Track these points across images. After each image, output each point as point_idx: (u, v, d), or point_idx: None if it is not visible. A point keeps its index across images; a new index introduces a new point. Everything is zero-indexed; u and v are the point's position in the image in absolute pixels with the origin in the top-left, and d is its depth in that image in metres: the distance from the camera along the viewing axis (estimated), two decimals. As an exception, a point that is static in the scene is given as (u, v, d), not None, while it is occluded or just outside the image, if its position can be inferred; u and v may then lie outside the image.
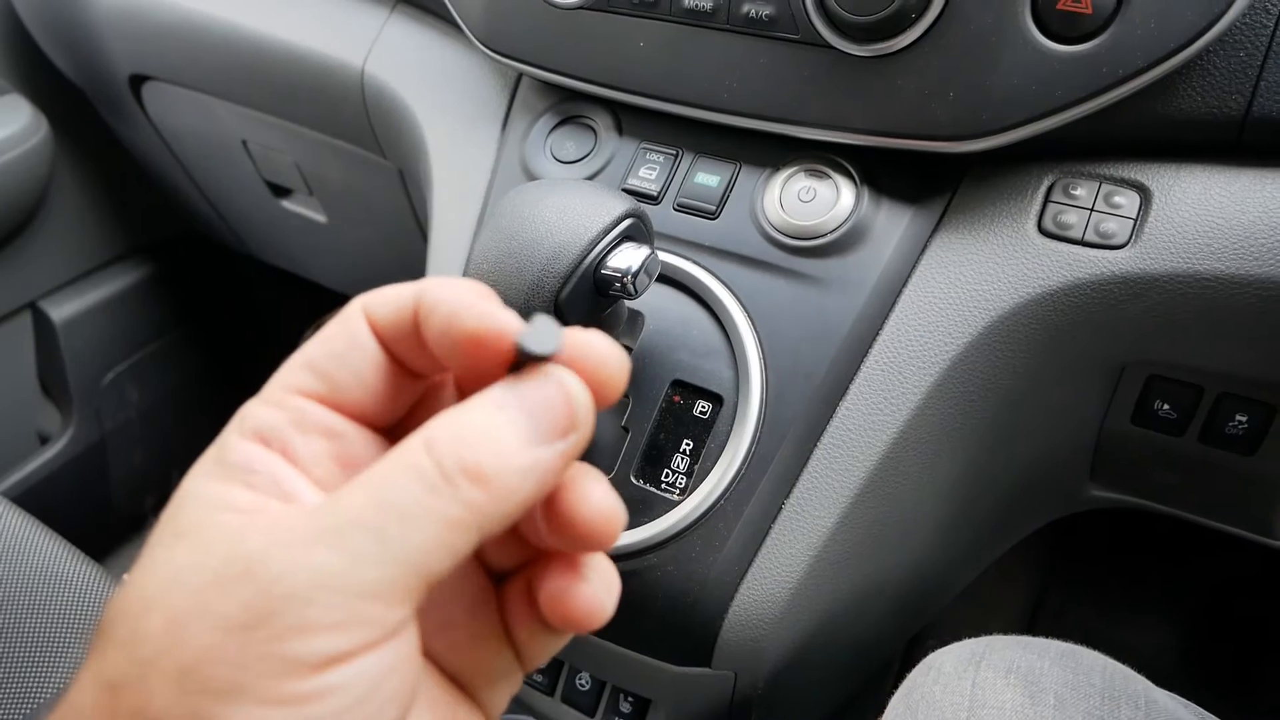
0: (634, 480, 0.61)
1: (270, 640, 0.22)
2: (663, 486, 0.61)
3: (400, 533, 0.23)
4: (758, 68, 0.61)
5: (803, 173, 0.64)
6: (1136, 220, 0.57)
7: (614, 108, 0.71)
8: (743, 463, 0.59)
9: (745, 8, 0.61)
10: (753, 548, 0.59)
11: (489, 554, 0.30)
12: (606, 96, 0.69)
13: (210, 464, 0.26)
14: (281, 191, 1.15)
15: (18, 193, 1.14)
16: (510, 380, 0.25)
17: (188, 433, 1.49)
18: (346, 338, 0.27)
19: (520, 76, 0.76)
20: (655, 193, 0.67)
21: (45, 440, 1.31)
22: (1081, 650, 0.55)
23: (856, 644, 0.74)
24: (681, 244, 0.65)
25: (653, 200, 0.67)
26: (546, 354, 0.25)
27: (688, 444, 0.61)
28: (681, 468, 0.61)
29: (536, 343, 0.25)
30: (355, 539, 0.23)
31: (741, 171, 0.66)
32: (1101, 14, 0.52)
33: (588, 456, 0.65)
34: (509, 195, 0.55)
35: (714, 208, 0.65)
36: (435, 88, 0.79)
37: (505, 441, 0.24)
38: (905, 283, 0.61)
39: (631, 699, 0.66)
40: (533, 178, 0.70)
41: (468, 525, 0.24)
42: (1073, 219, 0.58)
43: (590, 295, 0.53)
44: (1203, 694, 0.58)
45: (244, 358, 1.56)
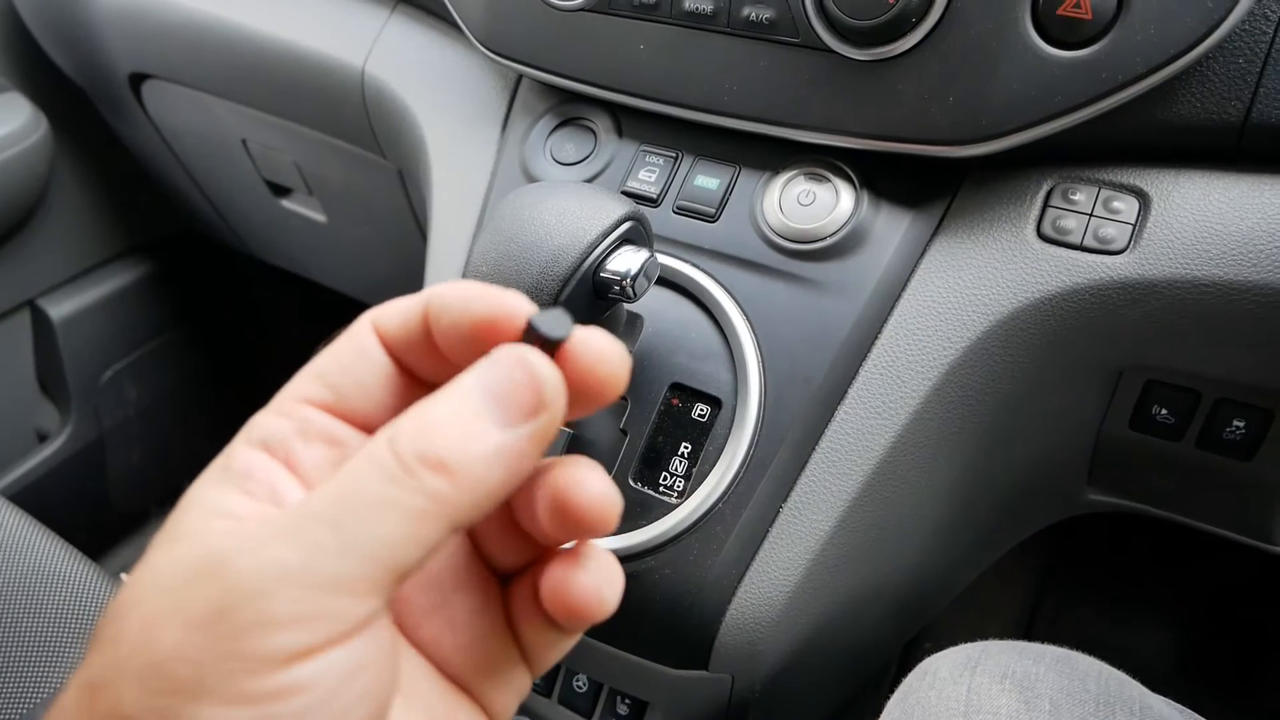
0: (632, 483, 0.61)
1: (232, 637, 0.22)
2: (661, 489, 0.61)
3: (358, 525, 0.23)
4: (758, 71, 0.61)
5: (802, 176, 0.64)
6: (1135, 226, 0.57)
7: (614, 110, 0.71)
8: (741, 466, 0.59)
9: (745, 11, 0.61)
10: (750, 551, 0.59)
11: (493, 554, 0.30)
12: (606, 98, 0.69)
13: (214, 472, 0.26)
14: (281, 191, 1.15)
15: (17, 191, 1.13)
16: (476, 366, 0.25)
17: (186, 431, 1.49)
18: (354, 349, 0.28)
19: (520, 78, 0.76)
20: (655, 195, 0.67)
21: (43, 438, 1.31)
22: (1077, 656, 0.55)
23: (854, 647, 0.74)
24: (681, 247, 0.65)
25: (652, 203, 0.67)
26: (556, 338, 0.25)
27: (686, 447, 0.61)
28: (680, 470, 0.61)
29: (549, 326, 0.25)
30: (313, 532, 0.23)
31: (741, 174, 0.66)
32: (1101, 20, 0.52)
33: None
34: (508, 197, 0.55)
35: (713, 211, 0.65)
36: (435, 88, 0.79)
37: (467, 428, 0.24)
38: (904, 287, 0.61)
39: (629, 701, 0.67)
40: (532, 179, 0.70)
41: (433, 515, 0.23)
42: (1072, 224, 0.58)
43: (589, 298, 0.53)
44: (1200, 698, 0.58)
45: (243, 357, 1.56)
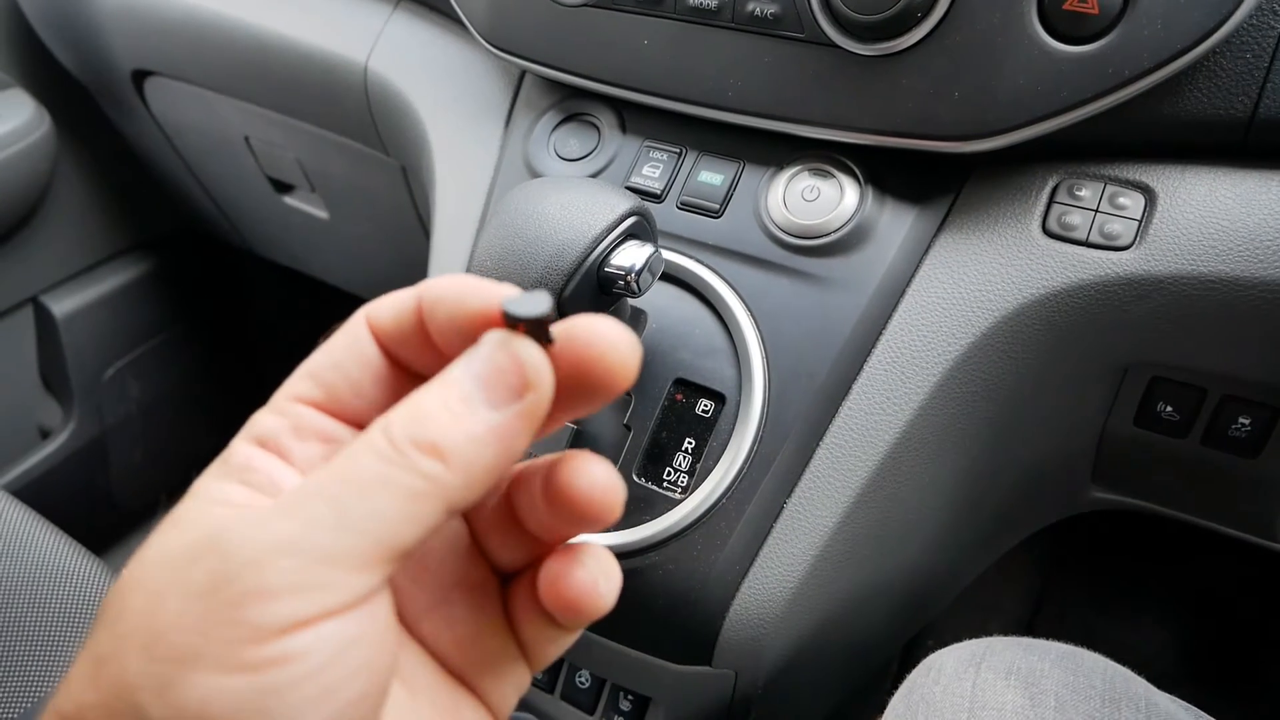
0: (636, 478, 0.61)
1: (230, 605, 0.23)
2: (664, 485, 0.61)
3: (356, 501, 0.24)
4: (762, 66, 0.61)
5: (806, 172, 0.63)
6: (1141, 221, 0.57)
7: (618, 105, 0.70)
8: (745, 462, 0.59)
9: (750, 6, 0.60)
10: (754, 547, 0.59)
11: (495, 553, 0.31)
12: (610, 94, 0.69)
13: (215, 466, 0.27)
14: (283, 187, 1.15)
15: (20, 187, 1.13)
16: (463, 355, 0.26)
17: (188, 427, 1.49)
18: (347, 346, 0.28)
19: (524, 73, 0.75)
20: (659, 191, 0.67)
21: (46, 434, 1.31)
22: (1082, 652, 0.55)
23: (857, 644, 0.74)
24: (685, 242, 0.65)
25: (656, 198, 0.67)
26: (528, 316, 0.25)
27: (690, 443, 0.61)
28: (684, 466, 0.61)
29: (520, 306, 0.25)
30: (311, 507, 0.24)
31: (745, 170, 0.65)
32: (1108, 14, 0.52)
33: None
34: (512, 193, 0.55)
35: (717, 206, 0.65)
36: (438, 84, 0.79)
37: (456, 411, 0.25)
38: (909, 283, 0.61)
39: (631, 697, 0.66)
40: (536, 175, 0.70)
41: (428, 495, 0.24)
42: (1077, 220, 0.58)
43: (593, 293, 0.53)
44: (1203, 695, 0.58)
45: (245, 353, 1.56)
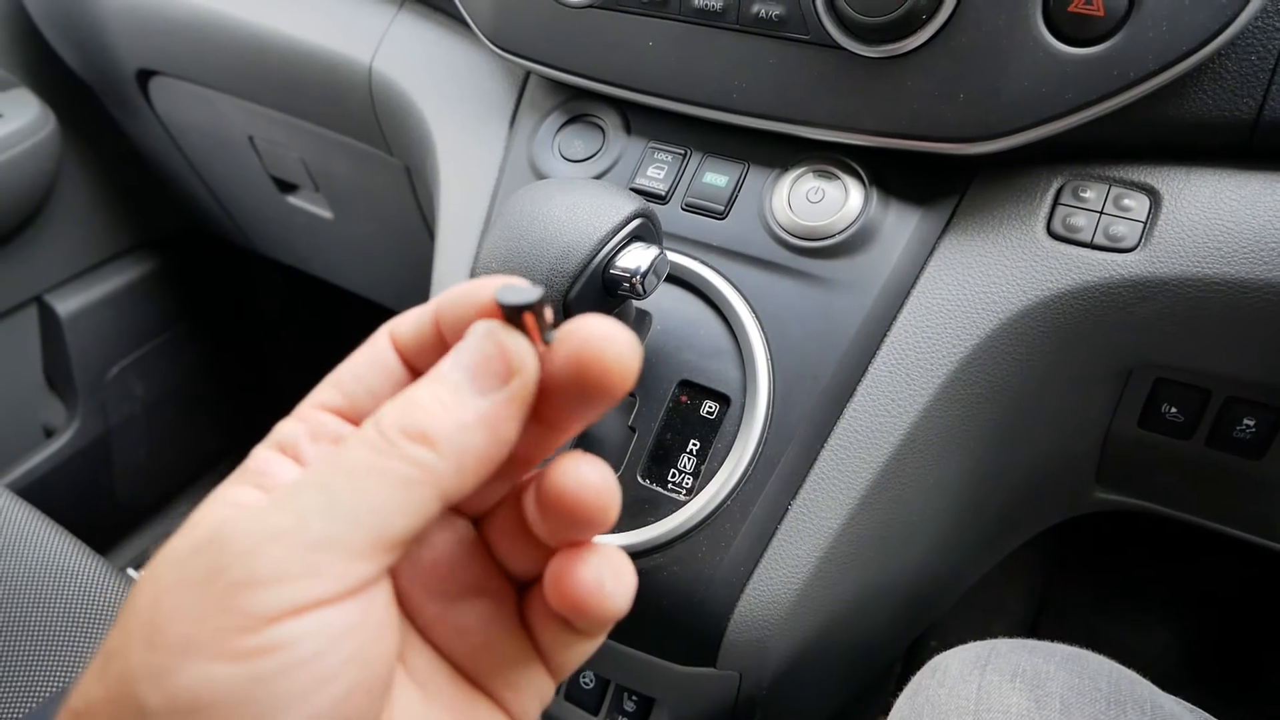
0: (640, 480, 0.61)
1: (224, 594, 0.23)
2: (669, 486, 0.61)
3: (348, 491, 0.24)
4: (767, 68, 0.61)
5: (811, 173, 0.63)
6: (1146, 223, 0.57)
7: (622, 107, 0.70)
8: (749, 463, 0.59)
9: (755, 8, 0.60)
10: (759, 548, 0.59)
11: (508, 560, 0.31)
12: (615, 95, 0.69)
13: (236, 472, 0.28)
14: (287, 187, 1.15)
15: (25, 187, 1.14)
16: (452, 349, 0.27)
17: (192, 426, 1.50)
18: (369, 358, 0.29)
19: (528, 74, 0.75)
20: (663, 192, 0.67)
21: (50, 433, 1.31)
22: (1088, 654, 0.55)
23: (861, 645, 0.74)
24: (689, 244, 0.65)
25: (661, 200, 0.67)
26: (516, 304, 0.26)
27: (694, 444, 0.61)
28: (688, 468, 0.61)
29: (510, 295, 0.26)
30: (304, 498, 0.24)
31: (750, 172, 0.65)
32: (1113, 16, 0.52)
33: (593, 454, 0.65)
34: (517, 194, 0.55)
35: (722, 208, 0.65)
36: (443, 85, 0.79)
37: (443, 400, 0.26)
38: (913, 284, 0.61)
39: (635, 698, 0.66)
40: (540, 176, 0.70)
41: (420, 483, 0.25)
42: (1082, 222, 0.58)
43: (599, 295, 0.53)
44: (1206, 697, 0.58)
45: (248, 353, 1.56)
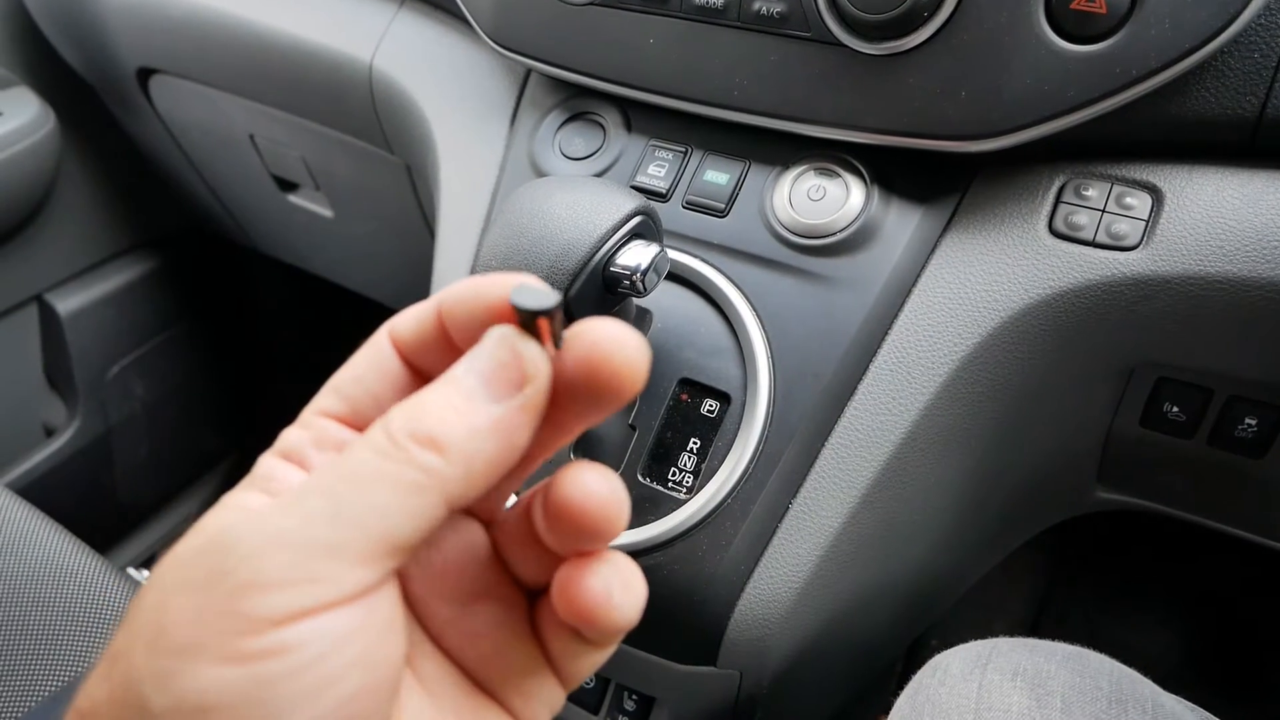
0: (641, 478, 0.61)
1: (228, 598, 0.23)
2: (670, 485, 0.60)
3: (353, 495, 0.24)
4: (768, 65, 0.61)
5: (812, 171, 0.63)
6: (1148, 222, 0.57)
7: (623, 104, 0.70)
8: (750, 462, 0.59)
9: (756, 5, 0.60)
10: (759, 547, 0.59)
11: (518, 568, 0.30)
12: (616, 93, 0.68)
13: (244, 479, 0.28)
14: (288, 186, 1.15)
15: (25, 185, 1.14)
16: (466, 354, 0.26)
17: (192, 426, 1.49)
18: (369, 360, 0.29)
19: (529, 72, 0.75)
20: (664, 190, 0.67)
21: (50, 433, 1.31)
22: (1088, 653, 0.55)
23: (861, 644, 0.74)
24: (690, 242, 0.65)
25: (661, 198, 0.67)
26: (532, 308, 0.25)
27: (695, 443, 0.61)
28: (689, 466, 0.61)
29: (524, 297, 0.26)
30: (309, 503, 0.24)
31: (751, 169, 0.65)
32: (1116, 14, 0.52)
33: (593, 454, 0.65)
34: (517, 192, 0.55)
35: (723, 206, 0.65)
36: (443, 83, 0.79)
37: (455, 406, 0.25)
38: (915, 282, 0.60)
39: (636, 697, 0.66)
40: (541, 174, 0.70)
41: (426, 488, 0.24)
42: (1084, 220, 0.58)
43: (599, 293, 0.53)
44: (1207, 696, 0.58)
45: (249, 351, 1.56)
